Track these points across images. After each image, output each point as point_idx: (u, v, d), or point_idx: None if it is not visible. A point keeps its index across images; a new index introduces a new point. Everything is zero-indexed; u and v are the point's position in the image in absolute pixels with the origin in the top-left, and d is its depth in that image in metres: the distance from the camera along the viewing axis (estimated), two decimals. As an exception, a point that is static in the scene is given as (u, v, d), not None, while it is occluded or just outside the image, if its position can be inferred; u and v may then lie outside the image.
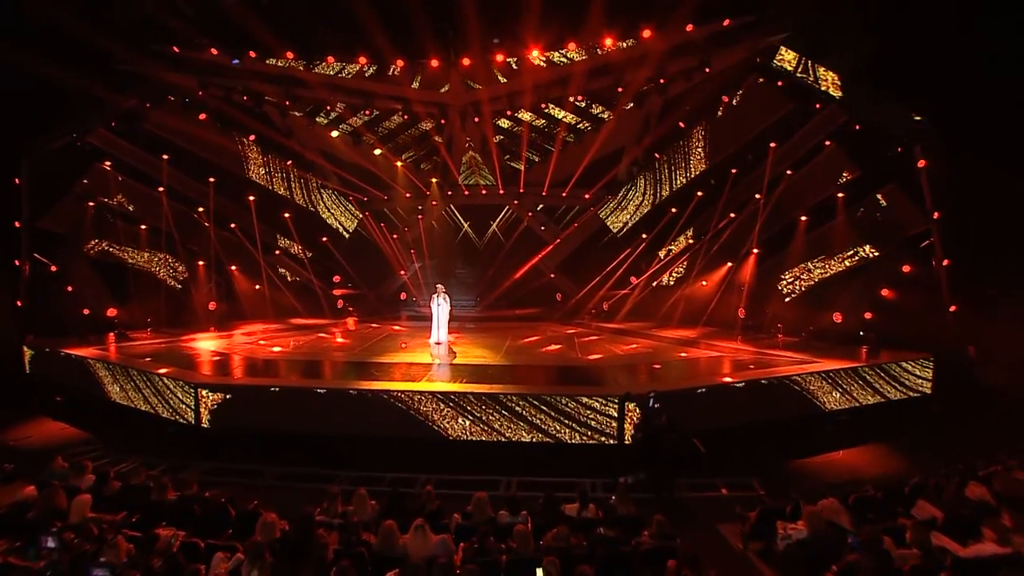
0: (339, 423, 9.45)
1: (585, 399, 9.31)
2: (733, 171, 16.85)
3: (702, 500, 8.06)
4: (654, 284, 18.96)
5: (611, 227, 20.24)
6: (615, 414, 9.27)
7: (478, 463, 8.72)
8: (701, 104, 16.88)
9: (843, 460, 9.32)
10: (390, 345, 14.37)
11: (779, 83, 14.59)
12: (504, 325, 18.22)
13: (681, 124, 17.92)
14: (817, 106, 14.18)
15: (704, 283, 17.44)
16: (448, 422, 9.49)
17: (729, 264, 16.78)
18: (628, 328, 17.30)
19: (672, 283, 18.65)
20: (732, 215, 16.86)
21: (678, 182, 18.58)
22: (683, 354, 13.44)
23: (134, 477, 6.58)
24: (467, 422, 9.43)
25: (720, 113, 16.99)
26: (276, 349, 13.96)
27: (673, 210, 18.07)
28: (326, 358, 12.86)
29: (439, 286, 14.83)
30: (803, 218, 15.34)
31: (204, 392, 10.03)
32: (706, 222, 17.35)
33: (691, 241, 17.87)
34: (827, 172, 14.45)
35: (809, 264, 15.46)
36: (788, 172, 15.44)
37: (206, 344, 14.51)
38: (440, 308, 14.49)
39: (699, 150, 18.04)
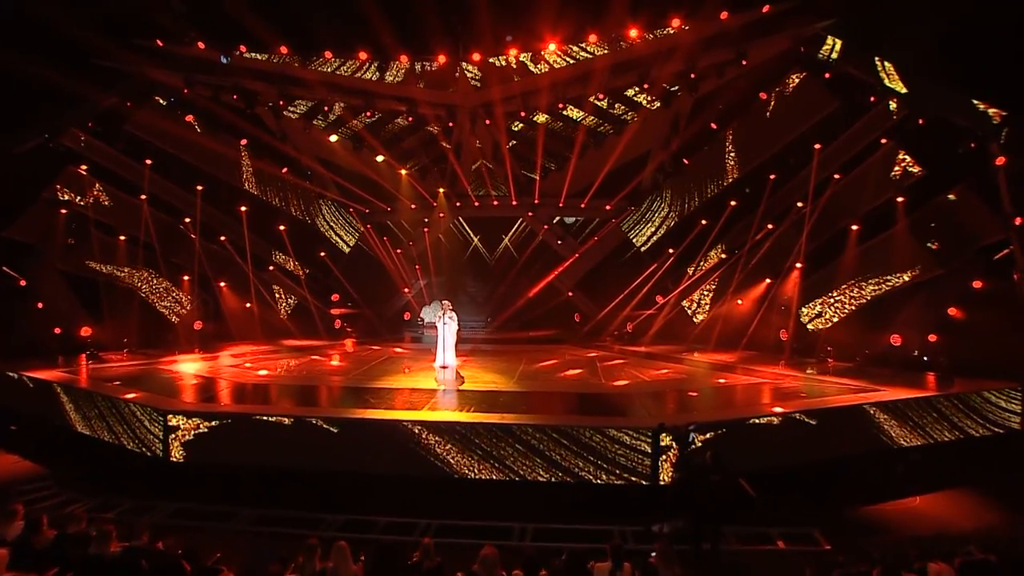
0: (328, 458, 8.89)
1: (613, 431, 8.60)
2: (771, 177, 16.22)
3: (755, 555, 7.18)
4: (683, 303, 18.65)
5: (634, 241, 19.94)
6: (648, 449, 8.52)
7: (488, 506, 8.13)
8: (736, 102, 16.34)
9: (922, 508, 8.28)
10: (390, 369, 13.90)
11: (825, 75, 13.83)
12: (517, 348, 17.81)
13: (713, 125, 17.36)
14: (871, 99, 13.33)
15: (740, 302, 16.82)
16: (453, 458, 8.84)
17: (768, 281, 16.16)
18: (656, 352, 16.67)
19: (704, 302, 18.13)
20: (770, 226, 16.26)
21: (709, 191, 18.04)
22: (721, 380, 12.73)
23: (72, 524, 5.74)
24: (475, 458, 8.79)
25: (757, 112, 16.40)
26: (262, 372, 13.37)
27: (704, 222, 17.58)
28: (318, 383, 12.30)
29: (445, 303, 14.20)
30: (854, 227, 14.42)
31: (174, 421, 9.38)
32: (741, 234, 16.82)
33: (724, 256, 17.37)
34: (883, 174, 13.54)
35: (861, 279, 14.46)
36: (836, 176, 14.63)
37: (187, 367, 14.00)
38: (446, 328, 13.86)
39: (733, 154, 17.44)
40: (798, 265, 15.33)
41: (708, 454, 7.35)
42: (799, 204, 15.27)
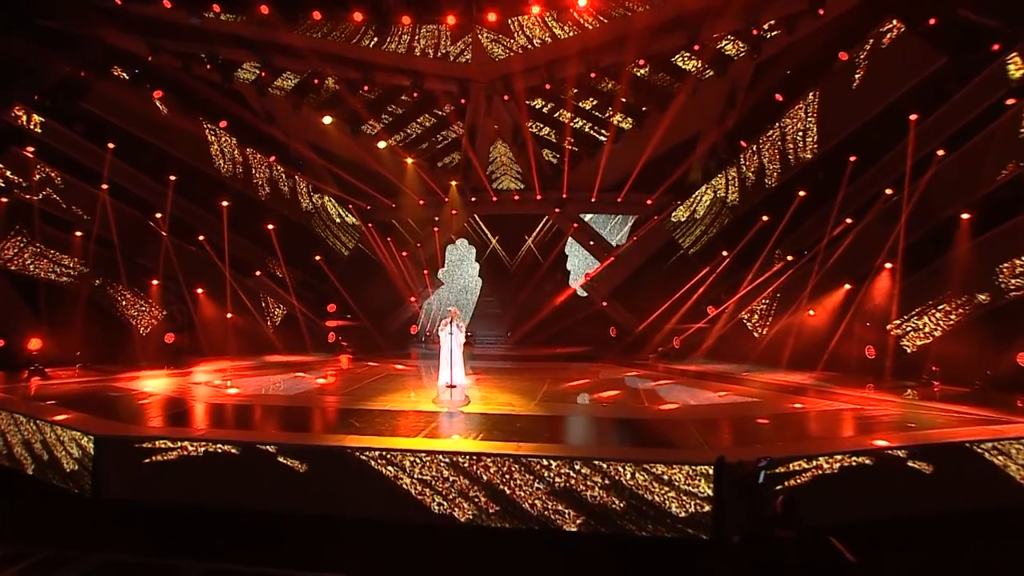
0: (296, 497, 8.15)
1: (661, 468, 7.58)
2: (852, 159, 15.15)
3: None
4: (742, 315, 17.59)
5: (681, 242, 19.61)
6: (708, 492, 7.46)
7: (496, 564, 7.31)
8: (808, 67, 15.37)
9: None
10: (385, 388, 13.50)
11: (929, 23, 12.36)
12: (542, 365, 17.33)
13: (779, 97, 16.34)
14: (994, 48, 11.82)
15: (812, 312, 15.85)
16: (452, 499, 7.98)
17: (848, 286, 15.20)
18: (710, 371, 15.84)
19: (767, 314, 17.37)
20: (849, 220, 15.27)
21: (773, 178, 17.35)
22: (797, 405, 11.73)
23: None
24: (482, 499, 7.90)
25: (835, 78, 15.34)
26: (232, 391, 12.84)
27: (765, 217, 16.93)
28: (296, 404, 11.74)
29: (452, 310, 13.58)
30: (965, 215, 12.89)
31: (105, 448, 8.57)
32: (813, 231, 15.97)
33: (791, 258, 16.56)
34: (1008, 145, 12.18)
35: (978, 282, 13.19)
36: (938, 153, 13.35)
37: (147, 385, 13.44)
38: (453, 339, 13.14)
39: (803, 132, 16.45)
40: (888, 266, 14.28)
41: (779, 501, 6.28)
42: (888, 191, 14.28)
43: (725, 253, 17.73)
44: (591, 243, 20.45)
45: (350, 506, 8.14)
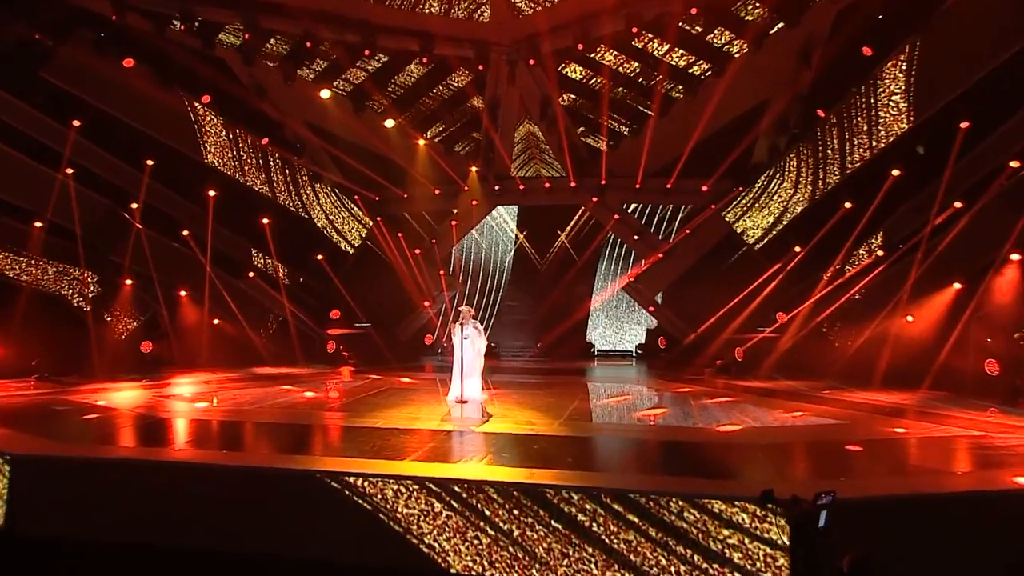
0: (253, 534, 7.60)
1: (719, 506, 6.69)
2: (964, 126, 14.10)
3: None
4: (821, 322, 16.99)
5: (744, 235, 19.37)
6: (782, 538, 6.48)
7: None
8: (903, 12, 14.39)
9: None
10: (383, 403, 13.43)
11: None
12: (574, 379, 17.15)
13: (867, 50, 15.30)
14: None
15: (910, 319, 15.16)
16: (448, 540, 7.34)
17: (958, 285, 14.39)
18: (781, 388, 15.19)
19: (853, 320, 16.65)
20: (960, 204, 14.32)
21: (859, 156, 16.41)
22: (897, 430, 10.93)
23: None
24: (483, 541, 7.23)
25: (940, 26, 14.33)
26: (200, 405, 12.74)
27: (849, 204, 16.24)
28: (271, 419, 11.60)
29: (465, 309, 13.05)
30: None
31: (23, 471, 8.11)
32: (911, 218, 15.24)
33: (883, 252, 16.02)
34: None
35: None
36: None
37: (106, 398, 13.33)
38: (467, 344, 12.79)
39: (899, 95, 15.42)
40: (1014, 257, 13.23)
41: (848, 559, 5.41)
42: (1012, 164, 13.22)
43: (798, 249, 17.22)
44: (635, 238, 20.26)
45: (320, 548, 7.57)
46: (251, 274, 19.28)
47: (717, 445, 9.87)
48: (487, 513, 7.19)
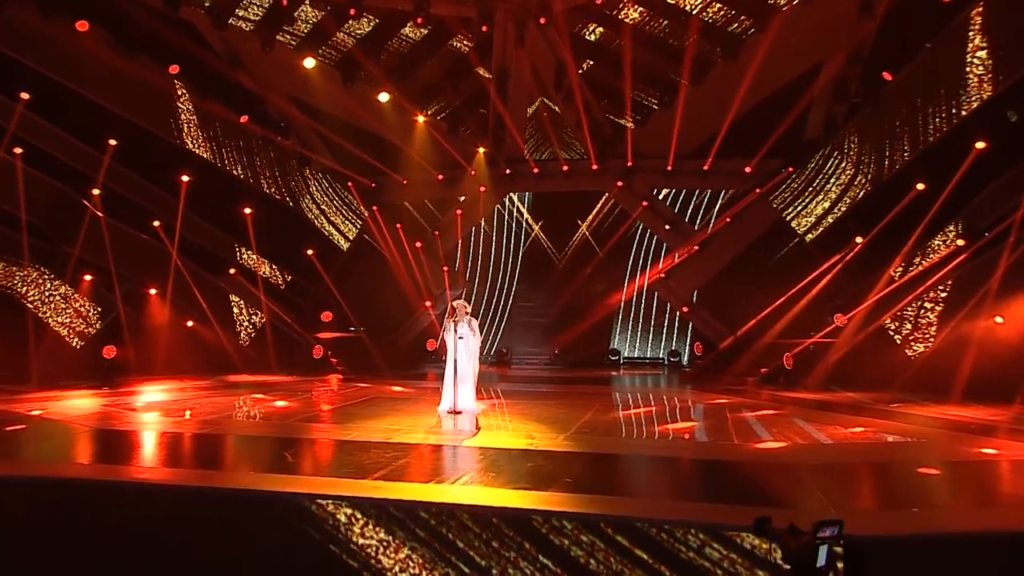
0: (173, 562, 7.15)
1: (750, 542, 6.21)
2: None
3: None
4: (886, 324, 16.80)
5: (795, 225, 19.02)
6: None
7: None
8: None
9: None
10: (364, 413, 13.42)
11: None
12: (594, 389, 17.04)
13: None
14: None
15: (999, 319, 14.75)
16: None
17: None
18: (838, 400, 14.80)
19: (926, 322, 16.52)
20: None
21: (933, 128, 15.94)
22: (987, 451, 10.47)
23: None
24: None
25: None
26: (149, 416, 12.74)
27: (922, 185, 15.85)
28: (223, 431, 11.50)
29: (459, 304, 12.91)
30: None
31: None
32: (1000, 199, 14.78)
33: (963, 241, 15.65)
34: None
35: None
36: None
37: (45, 406, 13.29)
38: (462, 345, 12.71)
39: (984, 50, 14.88)
40: None
41: None
42: None
43: (860, 239, 16.94)
44: (666, 228, 20.01)
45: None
46: (232, 271, 19.34)
47: (754, 465, 9.43)
48: (460, 545, 6.69)
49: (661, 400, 15.68)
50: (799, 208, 19.07)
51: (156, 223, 17.43)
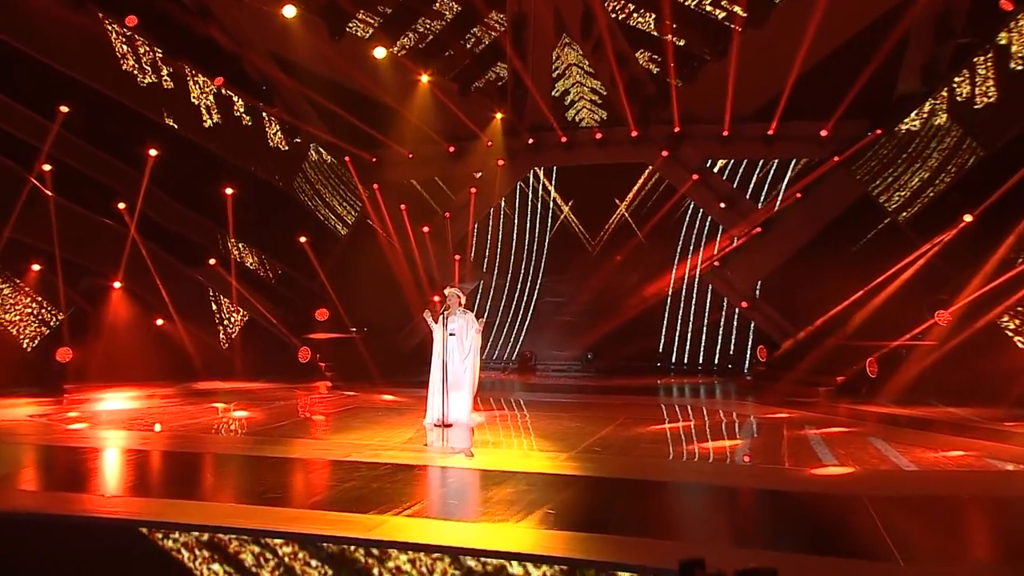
0: None
1: None
2: None
3: None
4: (1003, 322, 16.08)
5: (884, 200, 18.57)
6: None
7: None
8: None
9: None
10: (339, 426, 13.54)
11: None
12: (625, 400, 16.96)
13: None
14: None
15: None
16: None
17: None
18: (935, 416, 14.18)
19: None
20: None
21: None
22: None
23: None
24: None
25: None
26: (77, 427, 12.74)
27: None
28: (149, 447, 11.36)
29: (451, 292, 12.66)
30: None
31: None
32: None
33: None
34: None
35: None
36: None
37: None
38: (454, 343, 12.44)
39: None
40: None
41: None
42: None
43: (969, 217, 16.34)
44: (722, 206, 19.78)
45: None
46: (212, 261, 19.51)
47: (805, 496, 8.74)
48: (386, 604, 6.36)
49: (703, 413, 15.51)
50: (889, 180, 18.56)
51: (121, 205, 17.48)
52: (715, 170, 20.38)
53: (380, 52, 18.06)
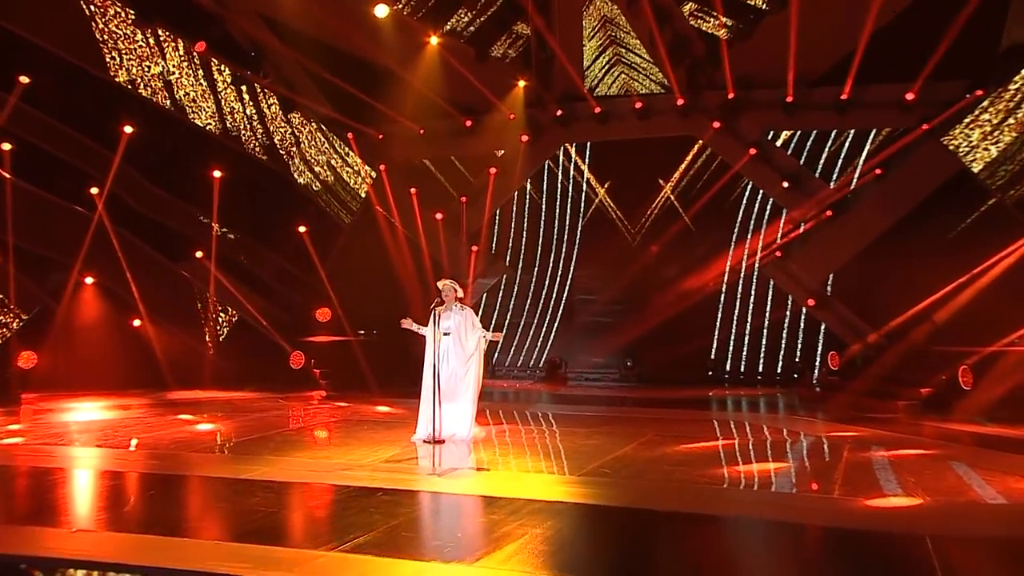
0: None
1: None
2: None
3: None
4: None
5: (985, 177, 18.28)
6: None
7: None
8: None
9: None
10: (312, 441, 13.66)
11: None
12: (659, 414, 16.78)
13: None
14: None
15: None
16: None
17: None
18: None
19: None
20: None
21: None
22: None
23: None
24: None
25: None
26: (12, 440, 12.71)
27: None
28: (80, 467, 11.18)
29: (445, 285, 12.35)
30: None
31: None
32: None
33: None
34: None
35: None
36: None
37: None
38: (448, 343, 12.34)
39: None
40: None
41: None
42: None
43: None
44: (784, 186, 19.57)
45: None
46: (198, 254, 19.82)
47: (846, 533, 8.11)
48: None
49: (746, 430, 15.01)
50: (992, 151, 17.99)
51: (94, 190, 17.72)
52: (777, 143, 20.30)
53: (382, 10, 17.59)
